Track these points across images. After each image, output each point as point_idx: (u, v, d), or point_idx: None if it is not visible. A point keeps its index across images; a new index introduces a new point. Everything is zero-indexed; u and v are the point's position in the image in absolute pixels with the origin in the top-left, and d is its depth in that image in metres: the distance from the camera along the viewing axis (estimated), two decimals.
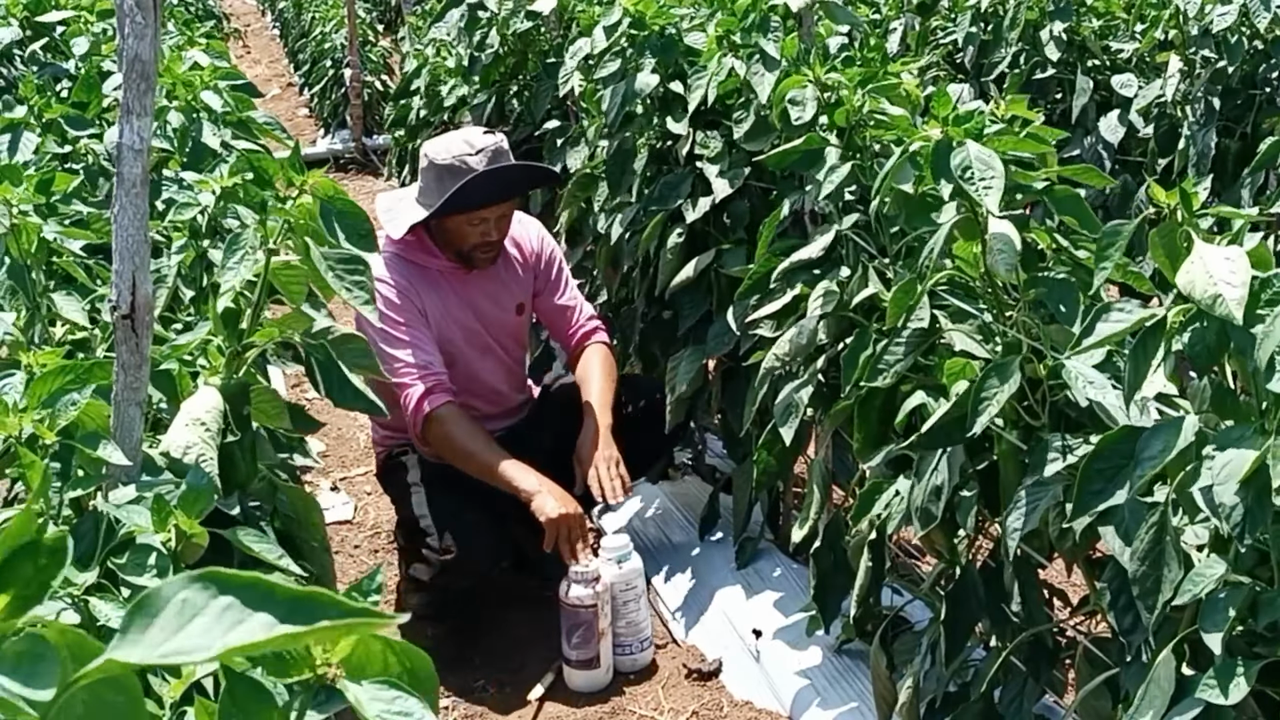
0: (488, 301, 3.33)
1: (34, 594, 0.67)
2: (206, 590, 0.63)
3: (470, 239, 3.21)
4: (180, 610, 0.62)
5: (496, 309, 3.35)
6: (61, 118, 3.00)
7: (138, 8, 1.49)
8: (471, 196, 3.12)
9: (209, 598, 0.62)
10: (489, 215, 3.19)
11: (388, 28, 11.69)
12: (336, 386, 1.95)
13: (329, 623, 0.62)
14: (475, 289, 3.31)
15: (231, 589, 0.62)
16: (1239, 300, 1.45)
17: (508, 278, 3.36)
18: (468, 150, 3.17)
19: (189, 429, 1.72)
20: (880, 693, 2.41)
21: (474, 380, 3.32)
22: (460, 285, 3.29)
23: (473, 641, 3.21)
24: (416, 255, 3.24)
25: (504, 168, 3.19)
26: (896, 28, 5.21)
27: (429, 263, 3.25)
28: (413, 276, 3.20)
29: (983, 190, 1.91)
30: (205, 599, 0.62)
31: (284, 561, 1.66)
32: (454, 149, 3.18)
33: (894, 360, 2.15)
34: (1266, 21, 3.63)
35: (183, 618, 0.62)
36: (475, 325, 3.31)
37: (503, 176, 3.19)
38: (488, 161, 3.16)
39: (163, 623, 0.62)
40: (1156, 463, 1.52)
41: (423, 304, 3.19)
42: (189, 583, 0.63)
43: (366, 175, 8.62)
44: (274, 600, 0.62)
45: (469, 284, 3.30)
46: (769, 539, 3.33)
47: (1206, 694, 1.44)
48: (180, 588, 0.63)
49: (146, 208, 1.54)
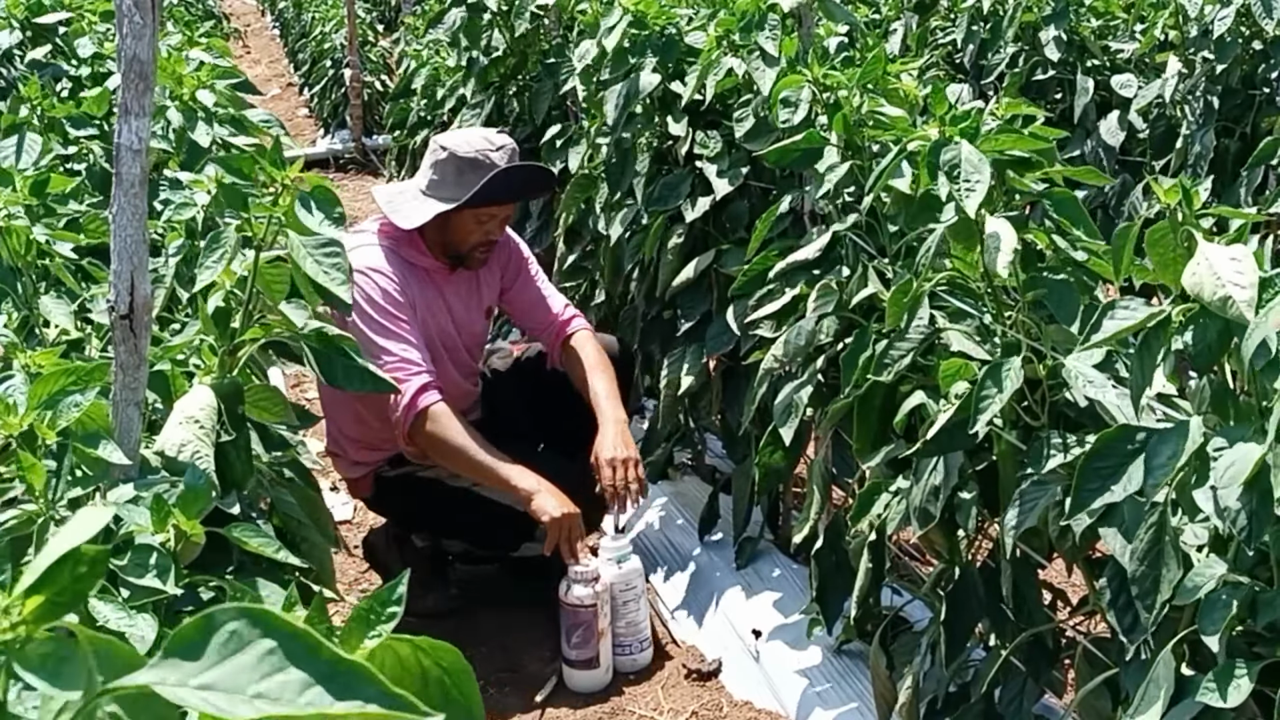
0: (461, 305, 3.31)
1: (67, 601, 0.67)
2: (256, 628, 0.61)
3: (473, 237, 3.20)
4: (226, 642, 0.61)
5: (467, 312, 3.33)
6: (64, 118, 3.00)
7: (136, 8, 1.49)
8: (499, 190, 3.13)
9: (257, 635, 0.61)
10: (498, 214, 3.20)
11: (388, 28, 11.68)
12: (341, 372, 1.95)
13: (361, 706, 0.58)
14: (452, 291, 3.29)
15: (277, 634, 0.61)
16: (1249, 301, 1.45)
17: (481, 281, 3.36)
18: (489, 146, 3.17)
19: (183, 427, 1.72)
20: (880, 693, 2.41)
21: (451, 385, 3.28)
22: (440, 286, 3.28)
23: (473, 641, 3.21)
24: (407, 251, 3.22)
25: (528, 166, 3.22)
26: (896, 28, 5.21)
27: (417, 259, 3.23)
28: (405, 271, 3.19)
29: (964, 191, 1.90)
30: (254, 635, 0.61)
31: (282, 555, 1.66)
32: (476, 143, 3.18)
33: (899, 356, 2.15)
34: (1273, 25, 3.62)
35: (227, 650, 0.61)
36: (449, 327, 3.29)
37: (527, 174, 3.22)
38: (508, 159, 3.17)
39: (209, 652, 0.61)
40: (1168, 470, 1.52)
41: (412, 300, 3.17)
42: (240, 615, 0.62)
43: (366, 175, 8.62)
44: (316, 659, 0.60)
45: (448, 286, 3.29)
46: (769, 539, 3.32)
47: (1207, 697, 1.44)
48: (233, 618, 0.62)
49: (145, 208, 1.54)
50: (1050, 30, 4.35)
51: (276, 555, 1.65)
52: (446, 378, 3.24)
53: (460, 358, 3.36)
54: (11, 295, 2.07)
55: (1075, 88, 4.31)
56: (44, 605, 0.66)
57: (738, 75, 3.06)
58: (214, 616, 0.62)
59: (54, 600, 0.67)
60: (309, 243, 1.86)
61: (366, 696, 0.59)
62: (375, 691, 0.59)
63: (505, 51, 4.64)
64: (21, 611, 0.66)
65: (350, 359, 1.96)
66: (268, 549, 1.66)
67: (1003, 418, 1.94)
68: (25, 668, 0.64)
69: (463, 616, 3.33)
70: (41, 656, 0.64)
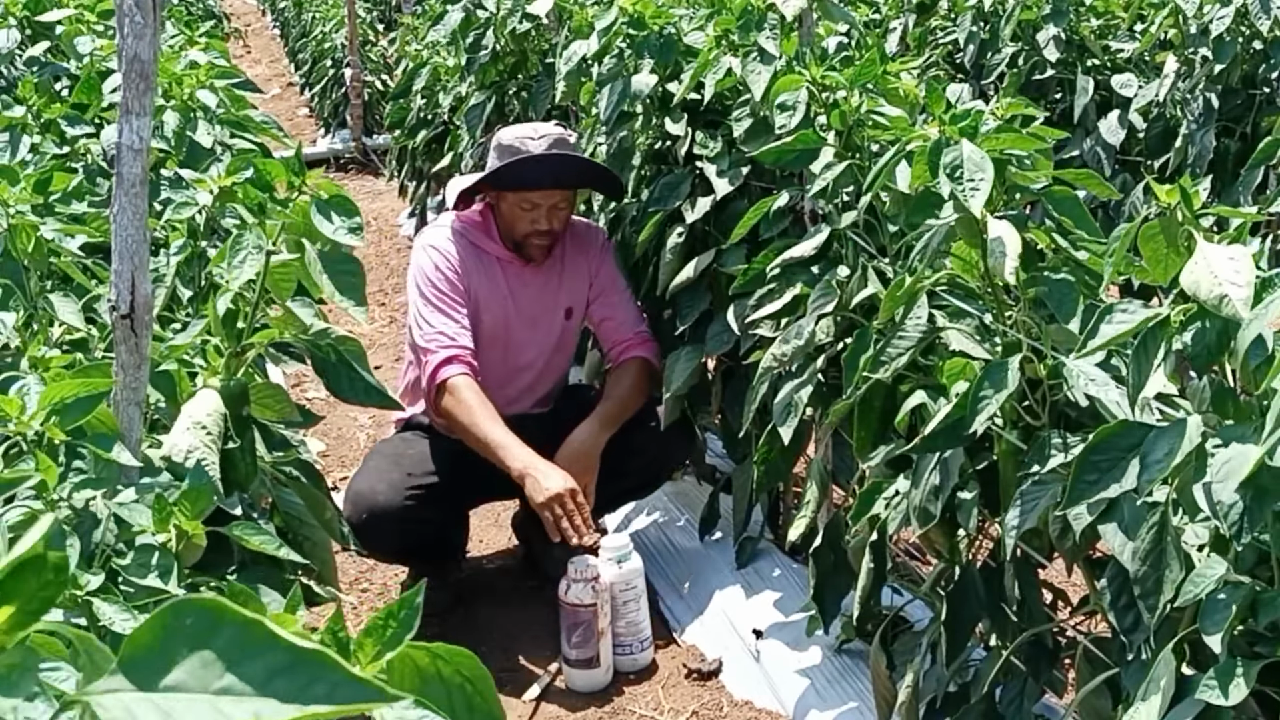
0: (536, 299, 3.32)
1: (36, 609, 0.67)
2: (212, 621, 0.61)
3: (521, 226, 3.24)
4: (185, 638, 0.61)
5: (543, 308, 3.33)
6: (61, 118, 3.00)
7: (137, 8, 1.49)
8: (510, 176, 3.17)
9: (215, 628, 0.61)
10: (540, 201, 3.21)
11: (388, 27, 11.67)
12: (346, 384, 1.96)
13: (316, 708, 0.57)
14: (527, 284, 3.32)
15: (234, 625, 0.60)
16: (1245, 300, 1.45)
17: (563, 280, 3.36)
18: (531, 135, 3.24)
19: (190, 433, 1.72)
20: (880, 693, 2.41)
21: (503, 374, 3.30)
22: (513, 277, 3.31)
23: (473, 641, 3.21)
24: (478, 237, 3.30)
25: (556, 155, 3.21)
26: (896, 28, 5.21)
27: (488, 246, 3.29)
28: (468, 255, 3.26)
29: (969, 191, 1.90)
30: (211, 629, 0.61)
31: (283, 552, 1.66)
32: (520, 132, 3.27)
33: (896, 354, 2.15)
34: (1268, 24, 3.62)
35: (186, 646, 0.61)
36: (509, 317, 3.30)
37: (553, 164, 3.20)
38: (547, 148, 3.20)
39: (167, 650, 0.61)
40: (1164, 466, 1.52)
41: (470, 284, 3.23)
42: (196, 608, 0.62)
43: (367, 175, 8.62)
44: (275, 648, 0.59)
45: (522, 278, 3.31)
46: (769, 539, 3.33)
47: (1207, 695, 1.44)
48: (190, 611, 0.62)
49: (145, 207, 1.54)
50: (1049, 29, 4.35)
51: (278, 553, 1.66)
52: (493, 364, 3.27)
53: (517, 348, 3.35)
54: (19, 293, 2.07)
55: (1075, 87, 4.31)
56: (13, 616, 0.66)
57: (736, 75, 3.06)
58: (168, 612, 0.62)
59: (24, 610, 0.66)
60: (325, 258, 1.86)
61: (332, 683, 0.58)
62: (339, 678, 0.58)
63: (504, 51, 4.64)
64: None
65: (354, 371, 1.96)
66: (269, 547, 1.66)
67: (1003, 417, 1.94)
68: None
69: (463, 615, 3.33)
70: (8, 668, 0.64)
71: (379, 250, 6.90)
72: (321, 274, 1.85)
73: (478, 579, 3.54)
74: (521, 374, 3.37)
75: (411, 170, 6.31)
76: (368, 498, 3.11)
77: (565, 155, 3.21)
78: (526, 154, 3.18)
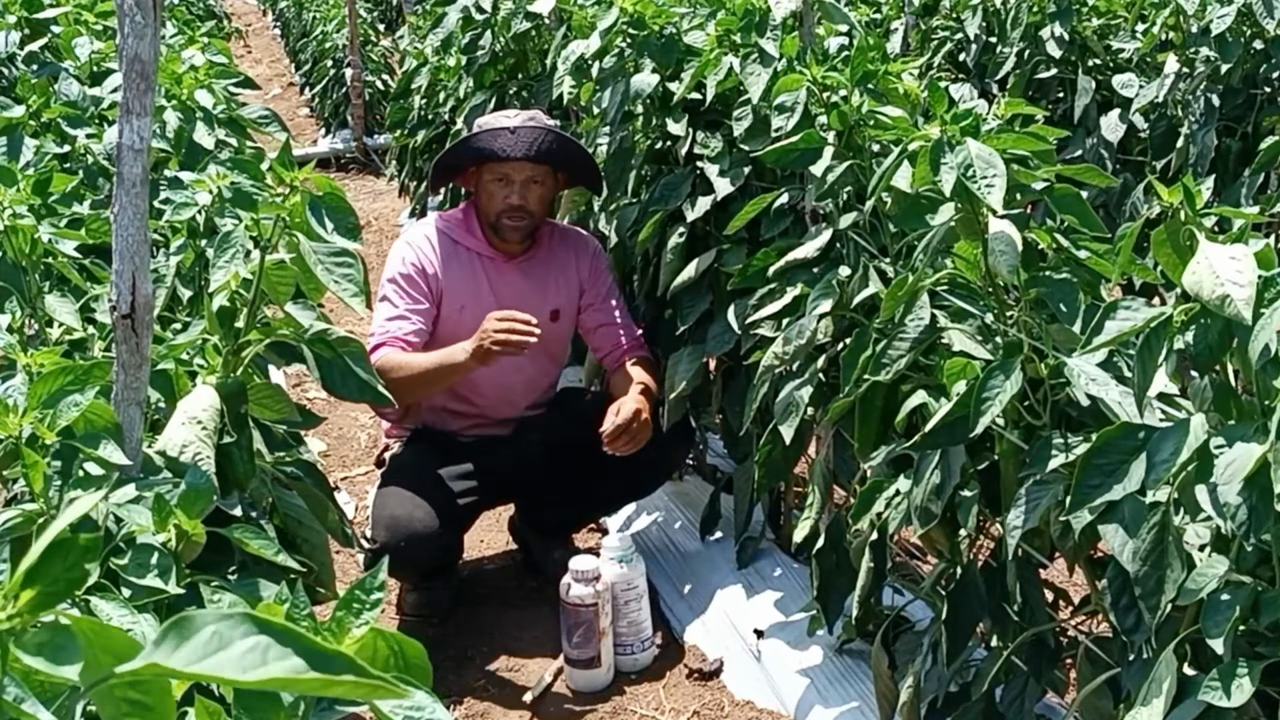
0: (514, 296, 3.27)
1: (60, 591, 0.70)
2: (239, 628, 0.65)
3: (495, 204, 3.25)
4: (208, 640, 0.64)
5: (528, 307, 3.22)
6: (60, 118, 2.99)
7: (137, 7, 1.49)
8: (483, 143, 3.22)
9: (239, 635, 0.64)
10: (514, 176, 3.22)
11: (389, 27, 11.69)
12: (339, 379, 1.96)
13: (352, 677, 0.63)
14: (510, 282, 3.31)
15: (264, 630, 0.64)
16: (1247, 300, 1.45)
17: (549, 281, 3.35)
18: (508, 114, 3.36)
19: (185, 428, 1.72)
20: (882, 692, 2.41)
21: (490, 373, 3.24)
22: (494, 273, 3.31)
23: (473, 641, 3.21)
24: (459, 234, 3.31)
25: (531, 127, 3.24)
26: (897, 28, 5.20)
27: (468, 241, 3.30)
28: (447, 250, 3.28)
29: (985, 189, 1.90)
30: (236, 636, 0.64)
31: (281, 557, 1.66)
32: (498, 114, 3.38)
33: (897, 355, 2.15)
34: (1274, 25, 3.61)
35: (210, 647, 0.64)
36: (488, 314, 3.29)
37: (525, 134, 3.22)
38: (523, 122, 3.26)
39: (193, 645, 0.64)
40: (1169, 466, 1.52)
41: (446, 279, 3.24)
42: (222, 618, 0.65)
43: (367, 175, 8.62)
44: (299, 647, 0.64)
45: (502, 275, 3.31)
46: (770, 539, 3.32)
47: (1210, 696, 1.44)
48: (213, 620, 0.65)
49: (146, 208, 1.53)
50: (1052, 28, 4.34)
51: (276, 558, 1.65)
52: (488, 372, 3.21)
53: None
54: (15, 294, 2.07)
55: (1076, 87, 4.30)
56: (38, 597, 0.69)
57: (737, 75, 3.05)
58: (191, 619, 0.66)
59: (47, 591, 0.69)
60: (320, 249, 1.86)
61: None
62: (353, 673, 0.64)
63: (504, 51, 4.64)
64: (17, 604, 0.68)
65: (349, 366, 1.96)
66: (267, 551, 1.66)
67: (1004, 417, 1.93)
68: (25, 653, 0.67)
69: (463, 616, 3.33)
70: (39, 644, 0.68)
71: (380, 250, 6.89)
72: (318, 264, 1.85)
73: (478, 579, 3.54)
74: (507, 374, 3.29)
75: (412, 170, 6.30)
76: (405, 524, 3.10)
77: (539, 127, 3.25)
78: (502, 127, 3.24)
